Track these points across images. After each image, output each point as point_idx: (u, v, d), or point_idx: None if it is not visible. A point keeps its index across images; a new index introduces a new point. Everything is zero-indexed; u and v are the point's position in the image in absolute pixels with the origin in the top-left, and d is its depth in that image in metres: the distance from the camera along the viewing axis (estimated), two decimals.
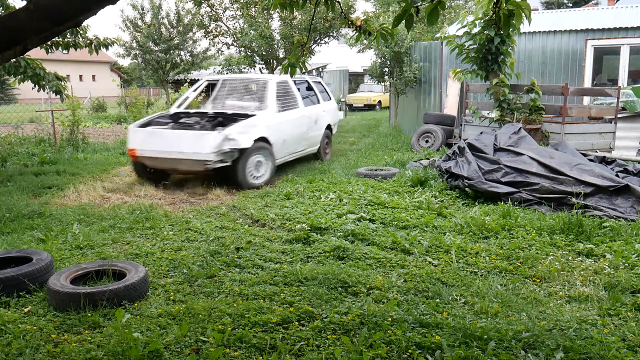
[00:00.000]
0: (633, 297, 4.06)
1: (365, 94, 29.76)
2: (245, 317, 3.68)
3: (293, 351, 3.30)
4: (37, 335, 3.50)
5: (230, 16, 15.94)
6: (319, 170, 9.54)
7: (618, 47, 12.32)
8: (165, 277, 4.58)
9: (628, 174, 7.04)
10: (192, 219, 6.40)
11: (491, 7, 3.32)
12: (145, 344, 3.29)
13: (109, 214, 6.70)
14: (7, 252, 4.66)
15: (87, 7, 2.51)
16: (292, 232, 5.77)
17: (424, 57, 14.81)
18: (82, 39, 9.55)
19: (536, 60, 12.98)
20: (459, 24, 10.06)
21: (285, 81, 9.98)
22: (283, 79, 9.95)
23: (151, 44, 23.14)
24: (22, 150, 11.22)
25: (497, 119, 9.65)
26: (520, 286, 4.30)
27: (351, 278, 4.35)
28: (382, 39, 4.02)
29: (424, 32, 23.31)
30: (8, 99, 34.49)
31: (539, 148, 7.60)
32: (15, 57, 2.93)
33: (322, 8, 10.46)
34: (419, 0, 3.00)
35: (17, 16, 2.50)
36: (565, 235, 5.50)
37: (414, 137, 12.56)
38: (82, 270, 4.33)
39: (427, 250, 5.15)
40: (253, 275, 4.54)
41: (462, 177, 7.27)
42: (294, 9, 4.05)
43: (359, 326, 3.59)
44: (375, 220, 6.20)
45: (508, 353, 3.24)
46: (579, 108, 10.48)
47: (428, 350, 3.28)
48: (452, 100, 13.52)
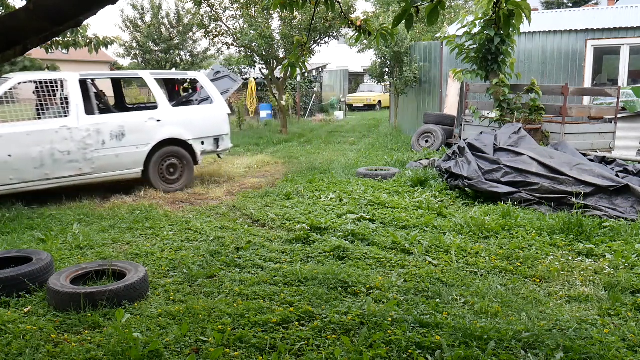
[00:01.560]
0: (633, 297, 4.06)
1: (365, 94, 29.77)
2: (245, 317, 3.68)
3: (293, 351, 3.30)
4: (37, 335, 3.50)
5: (230, 16, 15.93)
6: (319, 171, 9.54)
7: (618, 47, 12.32)
8: (165, 277, 4.58)
9: (628, 174, 7.04)
10: (192, 219, 6.40)
11: (491, 7, 3.32)
12: (145, 344, 3.29)
13: (109, 214, 6.70)
14: (7, 252, 4.67)
15: (87, 7, 2.51)
16: (292, 232, 5.77)
17: (424, 57, 14.82)
18: (82, 38, 9.55)
19: (536, 60, 12.98)
20: (459, 24, 10.06)
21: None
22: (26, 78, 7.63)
23: (151, 44, 23.16)
24: None
25: (497, 119, 9.65)
26: (520, 286, 4.30)
27: (351, 278, 4.35)
28: (382, 39, 4.02)
29: (424, 32, 23.31)
30: None
31: (539, 148, 7.60)
32: (15, 57, 2.93)
33: (322, 8, 10.44)
34: (419, 0, 3.00)
35: (17, 16, 2.50)
36: (565, 235, 5.50)
37: (414, 137, 12.56)
38: (82, 270, 4.33)
39: (427, 250, 5.15)
40: (253, 275, 4.54)
41: (462, 177, 7.26)
42: (294, 9, 4.05)
43: (359, 326, 3.59)
44: (375, 220, 6.19)
45: (508, 353, 3.24)
46: (579, 108, 10.48)
47: (428, 350, 3.28)
48: (452, 100, 13.52)
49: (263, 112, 21.14)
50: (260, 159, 11.03)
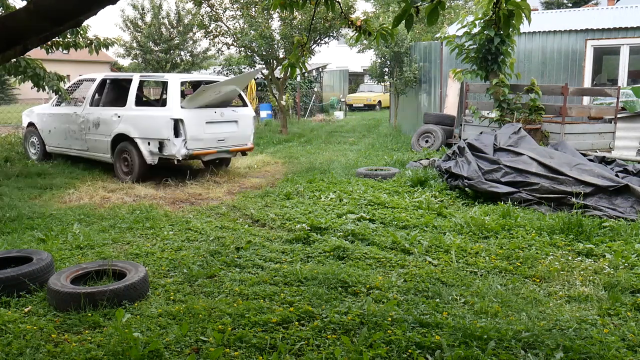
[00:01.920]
0: (633, 297, 4.06)
1: (365, 94, 29.79)
2: (245, 317, 3.68)
3: (293, 351, 3.30)
4: (37, 335, 3.50)
5: (230, 16, 15.93)
6: (319, 171, 9.54)
7: (618, 47, 12.32)
8: (165, 277, 4.58)
9: (628, 174, 7.04)
10: (192, 219, 6.40)
11: (491, 7, 3.33)
12: (145, 344, 3.29)
13: (109, 213, 6.70)
14: (8, 252, 4.67)
15: (87, 7, 2.51)
16: (292, 232, 5.77)
17: (424, 57, 14.82)
18: (82, 39, 9.55)
19: (536, 60, 12.99)
20: (459, 24, 10.05)
21: None
22: None
23: (151, 44, 23.13)
24: (23, 150, 11.22)
25: (497, 119, 9.65)
26: (520, 286, 4.31)
27: (351, 278, 4.35)
28: (382, 39, 4.02)
29: (424, 32, 23.31)
30: (8, 99, 34.47)
31: (538, 148, 7.60)
32: (15, 57, 2.93)
33: (322, 8, 10.43)
34: (419, 0, 3.01)
35: (18, 16, 2.51)
36: (565, 235, 5.50)
37: (413, 137, 12.56)
38: (82, 270, 4.33)
39: (427, 250, 5.16)
40: (253, 275, 4.54)
41: (462, 177, 7.27)
42: (294, 9, 4.06)
43: (359, 326, 3.60)
44: (375, 220, 6.20)
45: (508, 353, 3.25)
46: (579, 108, 10.49)
47: (428, 350, 3.28)
48: (452, 100, 13.53)
49: (263, 112, 21.14)
50: (260, 159, 11.03)
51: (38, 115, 10.59)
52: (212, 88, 8.53)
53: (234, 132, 9.16)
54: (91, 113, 9.35)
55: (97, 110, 9.35)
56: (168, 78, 8.97)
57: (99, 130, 9.18)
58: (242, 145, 9.34)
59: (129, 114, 8.83)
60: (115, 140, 8.90)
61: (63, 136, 9.88)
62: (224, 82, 9.01)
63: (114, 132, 8.88)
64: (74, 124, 9.59)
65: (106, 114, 9.12)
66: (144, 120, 8.67)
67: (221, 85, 8.73)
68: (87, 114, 9.40)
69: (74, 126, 9.60)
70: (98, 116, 9.21)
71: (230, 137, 9.07)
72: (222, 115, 8.94)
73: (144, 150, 8.55)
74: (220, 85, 8.73)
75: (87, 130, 9.38)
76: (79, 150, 9.72)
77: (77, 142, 9.63)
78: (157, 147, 8.43)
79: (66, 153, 10.06)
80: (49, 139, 10.31)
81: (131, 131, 8.65)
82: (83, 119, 9.42)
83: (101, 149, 9.20)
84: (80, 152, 9.71)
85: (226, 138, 8.99)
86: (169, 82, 8.81)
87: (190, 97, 8.73)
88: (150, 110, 9.09)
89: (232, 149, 9.18)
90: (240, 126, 9.26)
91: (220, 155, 9.11)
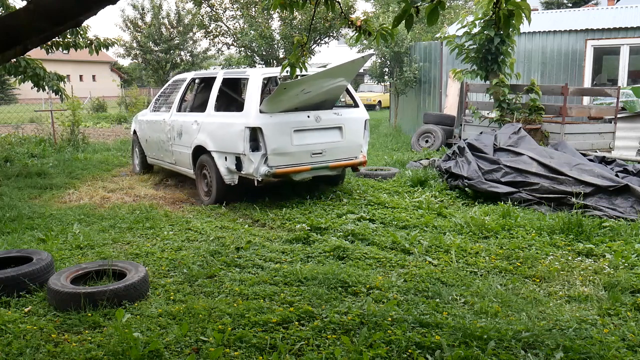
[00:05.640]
0: (633, 297, 4.06)
1: (365, 94, 29.75)
2: (245, 317, 3.68)
3: (293, 351, 3.30)
4: (37, 335, 3.50)
5: (230, 16, 15.97)
6: None
7: (618, 47, 12.32)
8: (165, 277, 4.58)
9: (628, 174, 7.04)
10: (192, 219, 6.40)
11: (491, 7, 3.32)
12: (145, 344, 3.29)
13: (109, 214, 6.70)
14: (8, 252, 4.67)
15: (87, 7, 2.52)
16: (292, 232, 5.77)
17: (424, 57, 14.82)
18: (83, 40, 9.55)
19: (536, 60, 12.99)
20: (459, 24, 10.06)
21: None
22: None
23: (151, 44, 23.16)
24: (23, 150, 11.23)
25: (497, 119, 9.65)
26: (520, 286, 4.31)
27: (351, 278, 4.36)
28: (382, 39, 4.03)
29: (424, 32, 23.32)
30: (8, 99, 34.50)
31: (538, 148, 7.60)
32: (15, 57, 2.94)
33: (322, 8, 10.44)
34: (419, 0, 3.01)
35: (18, 16, 2.51)
36: (565, 235, 5.50)
37: (413, 137, 12.56)
38: (82, 270, 4.33)
39: (427, 250, 5.16)
40: (253, 275, 4.54)
41: (462, 177, 7.27)
42: (294, 9, 4.06)
43: (359, 326, 3.60)
44: (375, 220, 6.20)
45: (508, 353, 3.25)
46: (579, 108, 10.48)
47: (428, 350, 3.28)
48: (452, 100, 13.53)
49: None
50: None
51: (139, 122, 9.39)
52: (301, 83, 6.29)
53: (337, 142, 7.03)
54: (176, 120, 7.91)
55: (181, 117, 7.89)
56: (249, 74, 7.08)
57: (182, 140, 7.71)
58: (348, 159, 7.20)
59: (207, 120, 7.20)
60: (196, 153, 7.40)
61: (156, 146, 8.61)
62: (322, 72, 6.57)
63: (193, 144, 7.35)
64: (163, 132, 8.28)
65: (188, 121, 7.59)
66: (220, 129, 6.98)
67: (315, 80, 6.44)
68: (172, 121, 7.99)
69: (162, 135, 8.29)
70: (181, 124, 7.73)
71: (330, 150, 6.96)
72: (319, 120, 6.84)
73: (221, 167, 6.89)
74: (316, 78, 6.42)
75: (172, 140, 8.00)
76: (169, 164, 8.38)
77: (167, 154, 8.29)
78: (234, 163, 6.71)
79: (162, 165, 8.84)
80: (147, 148, 9.06)
81: (208, 143, 7.05)
82: (169, 127, 8.03)
83: (185, 162, 7.75)
84: (171, 165, 8.34)
85: (324, 150, 6.90)
86: (249, 79, 6.96)
87: (269, 97, 6.61)
88: (226, 117, 7.13)
89: (334, 164, 7.03)
90: (346, 133, 7.10)
91: (317, 172, 6.99)
